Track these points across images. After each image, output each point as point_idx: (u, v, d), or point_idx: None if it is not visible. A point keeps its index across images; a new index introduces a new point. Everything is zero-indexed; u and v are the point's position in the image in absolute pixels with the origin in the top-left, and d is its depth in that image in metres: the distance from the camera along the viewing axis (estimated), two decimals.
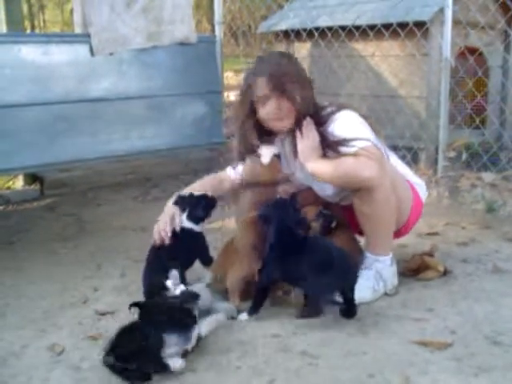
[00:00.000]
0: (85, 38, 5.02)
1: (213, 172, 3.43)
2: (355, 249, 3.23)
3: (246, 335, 2.67)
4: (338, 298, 2.75)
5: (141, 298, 3.07)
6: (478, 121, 4.84)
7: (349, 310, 2.80)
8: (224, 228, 3.99)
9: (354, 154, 2.85)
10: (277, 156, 3.15)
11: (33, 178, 5.50)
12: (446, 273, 3.32)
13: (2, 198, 5.18)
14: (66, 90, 4.98)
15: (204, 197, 3.13)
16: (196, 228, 3.09)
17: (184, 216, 3.10)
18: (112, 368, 2.35)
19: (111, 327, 2.82)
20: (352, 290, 2.78)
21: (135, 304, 2.53)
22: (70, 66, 4.99)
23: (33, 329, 2.85)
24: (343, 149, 2.90)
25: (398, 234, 3.22)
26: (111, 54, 5.20)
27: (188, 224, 3.08)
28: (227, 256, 3.10)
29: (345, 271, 2.76)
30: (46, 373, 2.46)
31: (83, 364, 2.52)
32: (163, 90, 5.59)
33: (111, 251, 3.87)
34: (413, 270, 3.33)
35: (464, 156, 4.99)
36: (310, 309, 2.85)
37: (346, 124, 2.97)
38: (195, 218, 3.09)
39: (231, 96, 7.74)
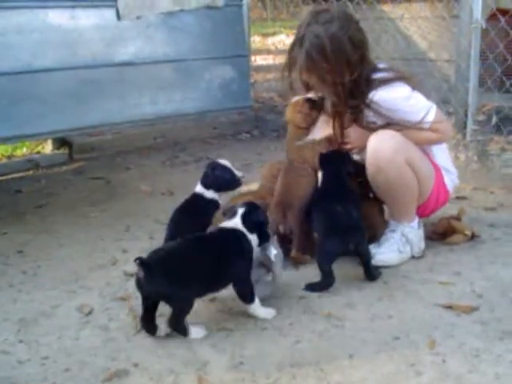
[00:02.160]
0: (111, 1, 4.98)
1: (240, 136, 3.44)
2: (379, 221, 3.24)
3: (272, 297, 2.69)
4: None
5: None
6: (508, 84, 4.76)
7: (366, 271, 2.83)
8: None
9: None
10: (310, 101, 3.19)
11: (61, 142, 5.54)
12: (473, 237, 3.31)
13: (31, 163, 5.23)
14: (93, 54, 4.98)
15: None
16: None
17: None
18: None
19: None
20: (363, 250, 2.82)
21: None
22: (96, 30, 4.98)
23: (63, 290, 2.91)
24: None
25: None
26: (138, 17, 5.17)
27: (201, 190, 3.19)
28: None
29: (348, 229, 2.79)
30: (76, 332, 2.52)
31: (111, 324, 2.57)
32: (190, 53, 5.56)
33: (139, 214, 3.91)
34: (440, 233, 3.32)
35: (494, 120, 4.91)
36: (321, 282, 2.81)
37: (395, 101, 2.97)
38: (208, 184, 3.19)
39: (258, 60, 7.72)
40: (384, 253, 3.01)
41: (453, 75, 5.11)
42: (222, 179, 3.16)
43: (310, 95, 3.20)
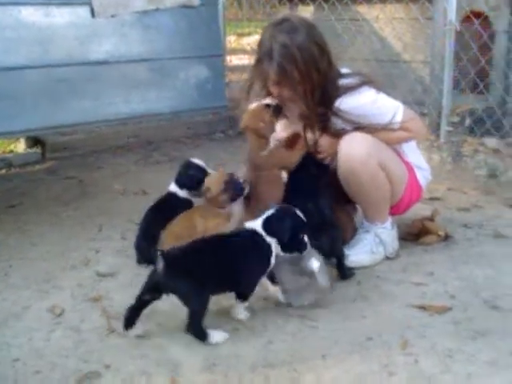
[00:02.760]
0: None
1: (214, 135, 3.41)
2: (347, 226, 3.21)
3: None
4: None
5: None
6: (481, 86, 4.79)
7: (340, 270, 2.83)
8: None
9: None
10: (269, 106, 3.12)
11: (34, 141, 5.47)
12: (446, 237, 3.33)
13: (3, 162, 5.16)
14: (67, 52, 4.93)
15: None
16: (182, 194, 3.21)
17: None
18: None
19: (112, 289, 2.85)
20: (337, 247, 2.82)
21: None
22: (70, 28, 4.93)
23: (34, 290, 2.87)
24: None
25: (390, 212, 3.19)
26: (113, 16, 5.13)
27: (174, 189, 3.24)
28: None
29: (320, 226, 2.77)
30: (47, 334, 2.48)
31: (83, 325, 2.54)
32: (165, 53, 5.53)
33: (112, 214, 3.87)
34: (413, 234, 3.34)
35: (467, 121, 4.95)
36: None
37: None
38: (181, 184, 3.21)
39: (234, 60, 7.70)
40: (357, 254, 3.01)
41: (427, 77, 5.14)
42: (196, 178, 3.15)
43: (268, 101, 3.13)
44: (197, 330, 2.37)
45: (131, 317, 2.42)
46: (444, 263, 3.06)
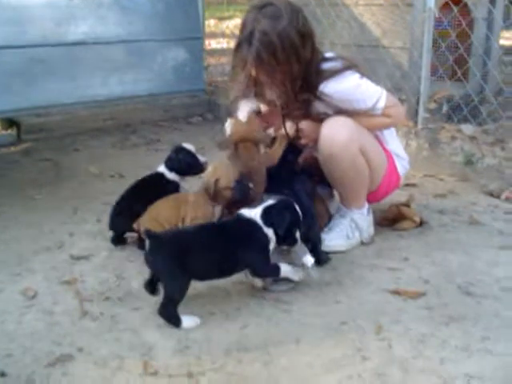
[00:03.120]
0: None
1: (192, 119, 3.38)
2: (321, 212, 3.20)
3: (219, 281, 2.65)
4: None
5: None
6: (459, 73, 4.80)
7: (315, 256, 2.80)
8: None
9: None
10: (257, 112, 3.15)
11: (9, 122, 5.41)
12: (422, 223, 3.34)
13: None
14: (43, 33, 4.89)
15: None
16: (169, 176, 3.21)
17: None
18: None
19: (86, 271, 2.83)
20: (313, 235, 2.81)
21: None
22: (47, 8, 4.89)
23: (6, 273, 2.84)
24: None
25: (367, 200, 3.19)
26: None
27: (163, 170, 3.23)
28: None
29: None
30: (19, 317, 2.46)
31: (56, 308, 2.52)
32: (143, 35, 5.50)
33: (87, 197, 3.84)
34: (389, 220, 3.35)
35: (445, 108, 4.96)
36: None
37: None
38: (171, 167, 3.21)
39: (213, 44, 7.66)
40: (333, 238, 3.01)
41: (406, 63, 5.13)
42: (186, 163, 3.18)
43: (252, 106, 3.15)
44: (169, 314, 2.36)
45: (148, 289, 2.47)
46: (419, 249, 3.07)
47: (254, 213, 2.53)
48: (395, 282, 2.74)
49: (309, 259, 2.64)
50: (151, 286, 2.48)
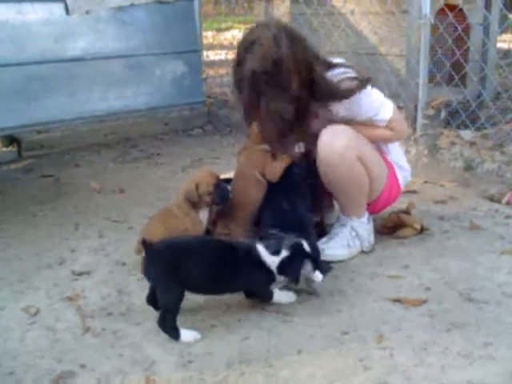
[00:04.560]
0: None
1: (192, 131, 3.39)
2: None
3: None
4: None
5: (117, 257, 3.10)
6: (457, 79, 4.81)
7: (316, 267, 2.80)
8: None
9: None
10: None
11: (10, 139, 5.42)
12: (422, 230, 3.34)
13: None
14: (42, 49, 4.89)
15: None
16: None
17: None
18: None
19: (88, 287, 2.84)
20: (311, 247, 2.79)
21: None
22: (44, 25, 4.89)
23: (9, 291, 2.84)
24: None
25: (367, 211, 3.19)
26: (87, 12, 5.10)
27: None
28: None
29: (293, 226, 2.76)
30: (21, 334, 2.46)
31: (58, 325, 2.52)
32: (141, 49, 5.51)
33: (89, 212, 3.85)
34: (389, 227, 3.34)
35: (443, 114, 4.97)
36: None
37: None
38: None
39: (211, 55, 7.68)
40: (333, 247, 3.02)
41: (403, 70, 5.15)
42: None
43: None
44: (168, 326, 2.37)
45: (150, 302, 2.50)
46: (419, 256, 3.08)
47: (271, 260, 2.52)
48: (396, 290, 2.74)
49: (318, 275, 2.62)
50: (153, 300, 2.49)
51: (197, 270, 2.43)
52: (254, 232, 2.94)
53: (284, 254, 2.50)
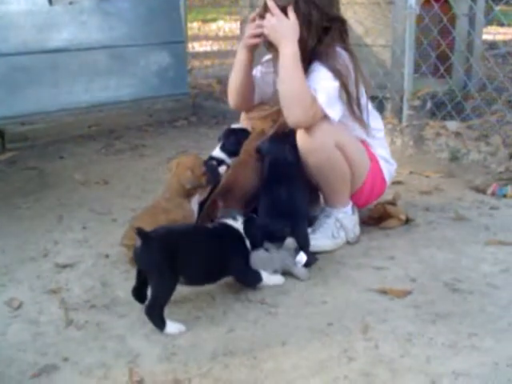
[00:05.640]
0: None
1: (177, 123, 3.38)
2: None
3: (204, 286, 2.65)
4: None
5: (101, 249, 3.08)
6: (442, 69, 4.81)
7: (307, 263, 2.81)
8: None
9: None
10: None
11: None
12: (408, 221, 3.34)
13: None
14: (25, 40, 4.86)
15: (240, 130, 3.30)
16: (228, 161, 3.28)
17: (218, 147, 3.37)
18: None
19: (71, 280, 2.81)
20: (300, 235, 2.81)
21: None
22: (27, 15, 4.86)
23: None
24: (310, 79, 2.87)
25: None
26: (70, 3, 5.07)
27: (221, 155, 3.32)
28: None
29: (289, 214, 2.82)
30: (4, 328, 2.43)
31: (41, 318, 2.50)
32: (125, 39, 5.48)
33: (73, 204, 3.82)
34: (375, 218, 3.34)
35: (428, 105, 4.97)
36: None
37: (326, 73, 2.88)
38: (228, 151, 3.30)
39: (196, 47, 7.65)
40: (318, 238, 3.00)
41: (389, 60, 5.14)
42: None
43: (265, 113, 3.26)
44: (156, 316, 2.34)
45: (136, 296, 2.49)
46: (405, 247, 3.07)
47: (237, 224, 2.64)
48: (382, 280, 2.73)
49: (302, 256, 2.70)
50: (139, 293, 2.47)
51: (194, 258, 2.46)
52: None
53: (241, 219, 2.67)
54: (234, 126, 3.39)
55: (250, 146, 3.17)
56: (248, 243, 2.65)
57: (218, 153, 3.35)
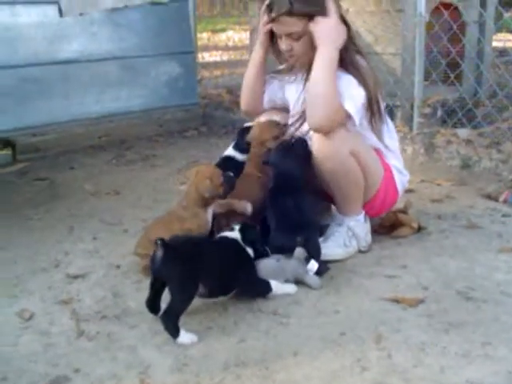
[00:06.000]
0: None
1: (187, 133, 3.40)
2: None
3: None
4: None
5: (112, 260, 3.07)
6: (453, 77, 4.79)
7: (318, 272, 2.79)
8: None
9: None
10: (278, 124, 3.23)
11: (4, 142, 5.39)
12: (420, 229, 3.32)
13: None
14: (36, 52, 4.89)
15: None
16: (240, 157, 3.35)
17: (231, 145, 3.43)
18: None
19: (82, 290, 2.81)
20: (311, 245, 2.80)
21: None
22: (38, 27, 4.89)
23: (3, 295, 2.80)
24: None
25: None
26: (81, 14, 5.08)
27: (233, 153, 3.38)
28: None
29: (300, 225, 2.81)
30: (15, 338, 2.43)
31: (52, 329, 2.49)
32: (136, 50, 5.50)
33: (83, 215, 3.81)
34: (387, 227, 3.32)
35: (439, 112, 4.96)
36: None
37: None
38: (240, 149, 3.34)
39: (206, 57, 7.67)
40: (330, 247, 2.98)
41: (399, 68, 5.13)
42: None
43: (277, 118, 3.24)
44: (171, 324, 2.33)
45: (150, 307, 2.48)
46: (417, 255, 3.05)
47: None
48: (394, 289, 2.71)
49: (313, 264, 2.70)
50: (153, 304, 2.47)
51: (213, 268, 2.49)
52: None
53: (237, 227, 2.70)
54: (247, 124, 3.40)
55: (254, 158, 3.20)
56: (250, 251, 2.66)
57: (230, 151, 3.40)
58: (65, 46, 5.06)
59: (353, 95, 2.85)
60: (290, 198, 2.90)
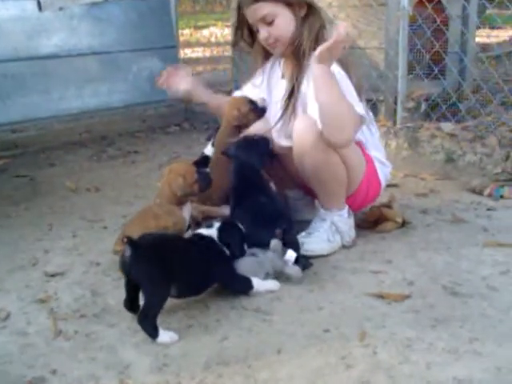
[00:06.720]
0: None
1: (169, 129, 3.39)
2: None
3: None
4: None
5: (92, 257, 3.01)
6: (436, 71, 4.76)
7: (297, 262, 2.74)
8: None
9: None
10: (251, 102, 3.23)
11: None
12: (404, 224, 3.28)
13: None
14: (14, 47, 4.82)
15: None
16: None
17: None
18: None
19: (61, 289, 2.74)
20: (289, 236, 2.77)
21: None
22: (17, 21, 4.82)
23: None
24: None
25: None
26: (60, 8, 5.02)
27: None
28: None
29: (277, 217, 2.78)
30: None
31: (29, 328, 2.42)
32: (116, 45, 5.45)
33: (63, 212, 3.75)
34: (371, 221, 3.28)
35: (423, 107, 4.93)
36: None
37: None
38: None
39: (188, 53, 7.62)
40: (313, 242, 2.94)
41: (382, 63, 5.10)
42: None
43: (252, 97, 3.23)
44: (148, 324, 2.27)
45: (128, 307, 2.43)
46: (402, 250, 3.01)
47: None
48: (379, 285, 2.67)
49: (291, 254, 2.66)
50: (131, 304, 2.41)
51: (184, 266, 2.41)
52: None
53: (216, 225, 2.60)
54: None
55: (222, 139, 3.24)
56: (225, 249, 2.59)
57: (209, 150, 3.39)
58: (44, 40, 5.00)
59: (351, 93, 2.82)
60: (257, 191, 2.89)
